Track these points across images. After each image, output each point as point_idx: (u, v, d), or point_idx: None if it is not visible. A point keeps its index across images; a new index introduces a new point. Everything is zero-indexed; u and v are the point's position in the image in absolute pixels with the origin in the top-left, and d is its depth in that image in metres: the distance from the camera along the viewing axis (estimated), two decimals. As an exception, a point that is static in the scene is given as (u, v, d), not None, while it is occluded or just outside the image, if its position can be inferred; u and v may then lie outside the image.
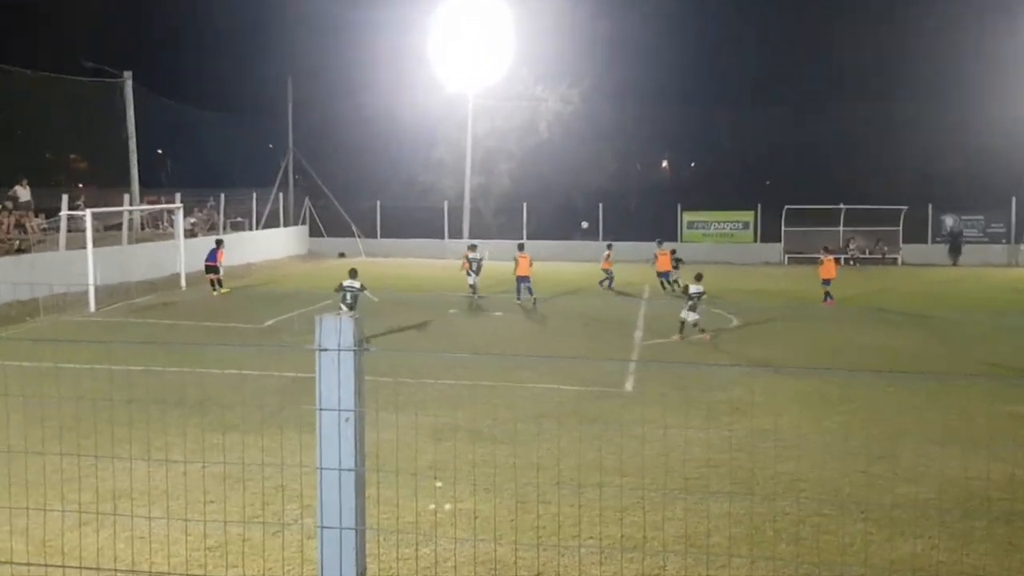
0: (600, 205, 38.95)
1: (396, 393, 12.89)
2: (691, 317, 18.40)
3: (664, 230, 37.72)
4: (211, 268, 25.79)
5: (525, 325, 20.12)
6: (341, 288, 23.16)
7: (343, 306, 19.70)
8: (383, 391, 12.59)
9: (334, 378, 4.32)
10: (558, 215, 41.94)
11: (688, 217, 39.32)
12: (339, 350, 4.31)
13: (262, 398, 12.46)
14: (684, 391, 13.62)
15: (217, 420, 11.36)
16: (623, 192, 45.81)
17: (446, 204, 40.76)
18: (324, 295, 22.81)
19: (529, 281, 24.14)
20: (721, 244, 38.45)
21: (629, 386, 13.93)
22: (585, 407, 12.66)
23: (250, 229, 37.77)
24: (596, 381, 14.04)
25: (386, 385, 12.88)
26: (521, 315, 21.54)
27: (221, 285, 25.74)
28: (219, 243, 26.31)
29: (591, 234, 38.40)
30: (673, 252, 27.22)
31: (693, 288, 18.80)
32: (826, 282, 23.34)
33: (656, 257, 26.76)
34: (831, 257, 23.98)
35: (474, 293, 24.60)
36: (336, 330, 4.36)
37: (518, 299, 23.72)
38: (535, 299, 23.56)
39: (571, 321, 20.53)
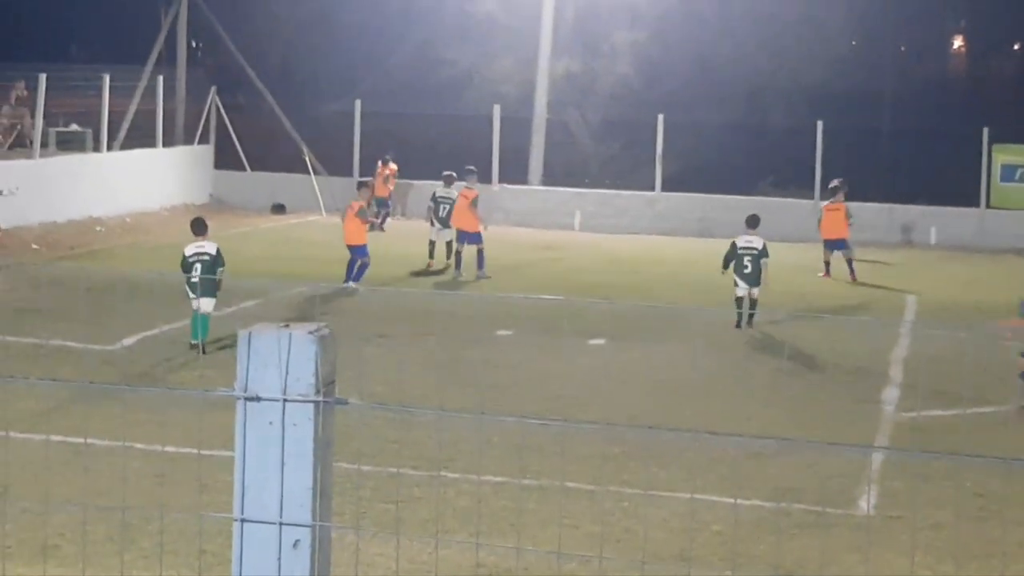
0: (819, 124, 36.69)
1: (383, 497, 12.18)
2: None
3: (953, 178, 36.06)
4: None
5: (650, 366, 19.13)
6: (436, 200, 28.12)
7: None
8: (356, 492, 11.70)
9: (272, 456, 3.70)
10: (729, 141, 40.79)
11: (1003, 157, 36.25)
12: (284, 400, 3.65)
13: (118, 490, 11.83)
14: (986, 520, 12.43)
15: (29, 537, 10.81)
16: (862, 97, 44.49)
17: (497, 112, 37.82)
18: (240, 286, 21.90)
19: (481, 239, 26.77)
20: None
21: (865, 504, 12.87)
22: (775, 546, 11.46)
23: (95, 149, 35.02)
24: (796, 491, 12.93)
25: (365, 479, 12.16)
26: (642, 344, 20.57)
27: None
28: None
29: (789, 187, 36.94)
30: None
31: (741, 239, 22.03)
32: None
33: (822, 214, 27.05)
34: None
35: (457, 269, 26.95)
36: (280, 358, 3.62)
37: (457, 271, 26.83)
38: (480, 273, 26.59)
39: (756, 361, 19.80)
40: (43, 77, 32.75)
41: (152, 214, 34.87)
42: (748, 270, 22.11)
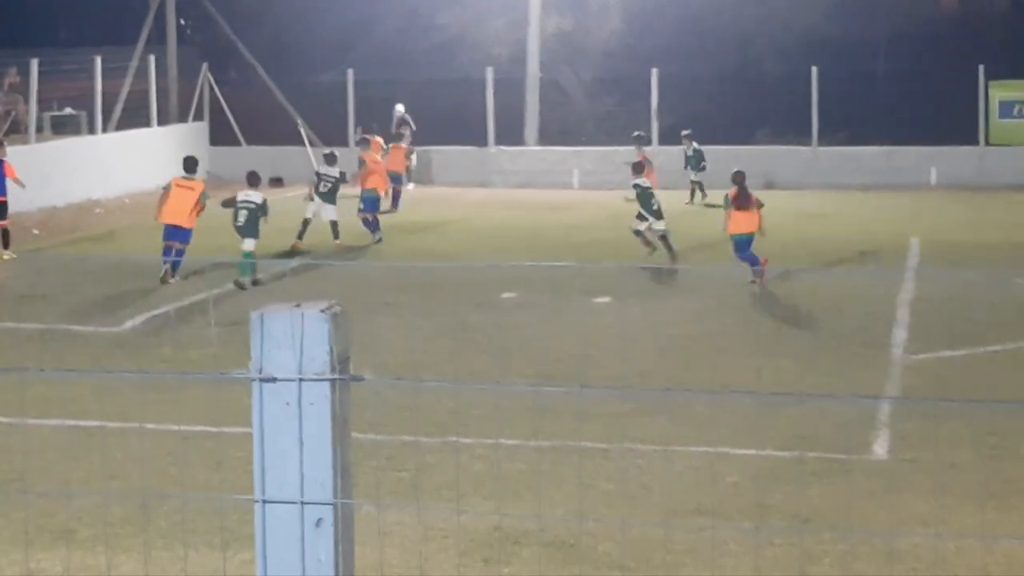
0: (813, 70, 36.32)
1: (397, 466, 12.09)
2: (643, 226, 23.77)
3: (951, 118, 35.99)
4: None
5: (657, 322, 19.07)
6: (319, 177, 26.99)
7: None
8: (369, 461, 11.50)
9: (290, 437, 3.67)
10: (724, 92, 40.71)
11: (1000, 93, 36.36)
12: (300, 379, 3.63)
13: (133, 471, 11.82)
14: (1002, 459, 12.35)
15: (47, 523, 10.83)
16: (855, 41, 44.51)
17: (490, 75, 37.73)
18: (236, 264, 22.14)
19: (378, 207, 27.08)
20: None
21: (881, 449, 12.81)
22: (790, 496, 11.38)
23: (91, 131, 35.22)
24: (810, 439, 12.85)
25: (378, 448, 11.96)
26: (649, 301, 20.52)
27: (7, 242, 24.76)
28: None
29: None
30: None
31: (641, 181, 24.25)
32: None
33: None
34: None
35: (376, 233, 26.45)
36: (293, 337, 3.59)
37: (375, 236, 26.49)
38: (378, 236, 26.58)
39: (763, 313, 19.76)
40: (35, 62, 32.62)
41: (150, 193, 34.59)
42: (657, 207, 23.99)
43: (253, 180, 23.03)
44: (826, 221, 29.14)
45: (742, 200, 21.63)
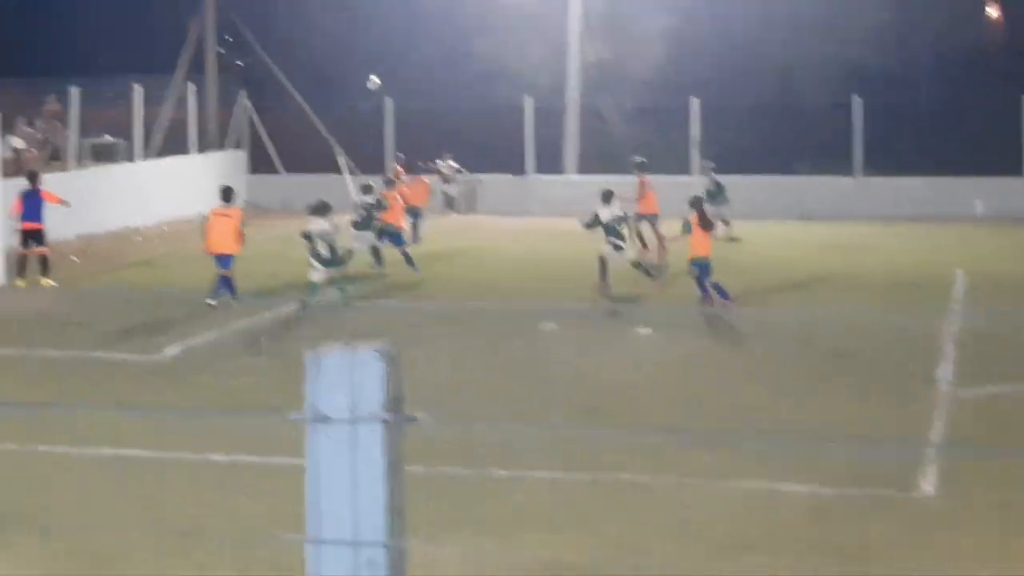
0: (856, 100, 36.00)
1: (436, 498, 11.85)
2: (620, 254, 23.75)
3: (996, 148, 35.79)
4: (32, 234, 24.91)
5: (704, 355, 18.94)
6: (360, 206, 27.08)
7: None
8: (412, 494, 11.18)
9: (343, 478, 3.64)
10: (764, 122, 40.90)
11: None
12: (353, 421, 3.59)
13: (170, 501, 11.93)
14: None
15: (79, 548, 10.86)
16: (897, 71, 44.64)
17: (529, 105, 37.99)
18: (285, 291, 22.56)
19: (402, 240, 27.06)
20: None
21: (928, 485, 12.61)
22: (838, 532, 11.31)
23: (129, 159, 35.79)
24: (856, 475, 12.67)
25: (416, 481, 11.77)
26: (691, 332, 20.41)
27: (47, 268, 24.92)
28: (34, 178, 25.38)
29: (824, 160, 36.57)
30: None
31: (604, 212, 24.38)
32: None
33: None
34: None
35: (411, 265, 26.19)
36: (347, 377, 3.55)
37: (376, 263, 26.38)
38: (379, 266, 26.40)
39: (808, 347, 19.55)
40: (76, 91, 32.84)
41: (189, 221, 34.85)
42: (620, 236, 24.41)
43: (324, 210, 23.01)
44: (868, 253, 28.95)
45: (706, 223, 22.47)
